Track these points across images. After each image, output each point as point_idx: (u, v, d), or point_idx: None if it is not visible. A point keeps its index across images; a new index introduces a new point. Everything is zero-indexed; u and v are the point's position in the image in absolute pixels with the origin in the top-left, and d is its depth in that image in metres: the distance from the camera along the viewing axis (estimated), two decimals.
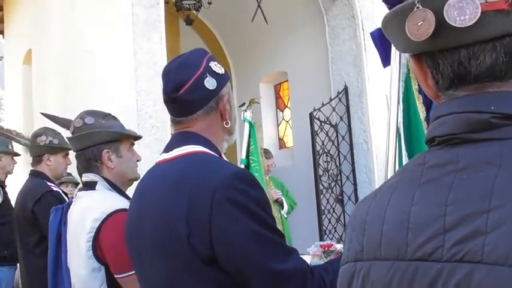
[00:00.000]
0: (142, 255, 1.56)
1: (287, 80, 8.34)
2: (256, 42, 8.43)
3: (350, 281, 0.85)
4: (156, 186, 1.55)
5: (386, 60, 2.71)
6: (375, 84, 6.49)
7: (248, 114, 3.44)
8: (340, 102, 6.90)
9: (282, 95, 8.80)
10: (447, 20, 0.73)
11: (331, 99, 6.89)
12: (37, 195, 3.55)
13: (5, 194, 4.79)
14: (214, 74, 1.59)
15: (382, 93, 5.40)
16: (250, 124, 3.43)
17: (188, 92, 1.54)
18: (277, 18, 7.67)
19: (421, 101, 2.87)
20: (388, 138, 2.53)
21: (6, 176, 5.06)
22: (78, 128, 2.24)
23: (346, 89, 6.87)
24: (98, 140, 2.22)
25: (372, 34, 2.74)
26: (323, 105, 6.80)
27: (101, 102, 4.99)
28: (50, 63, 6.52)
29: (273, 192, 5.42)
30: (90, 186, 2.25)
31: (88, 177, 2.25)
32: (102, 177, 2.24)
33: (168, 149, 1.61)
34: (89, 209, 2.16)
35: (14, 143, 4.75)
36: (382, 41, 2.68)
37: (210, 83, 1.56)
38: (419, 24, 0.76)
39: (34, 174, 3.74)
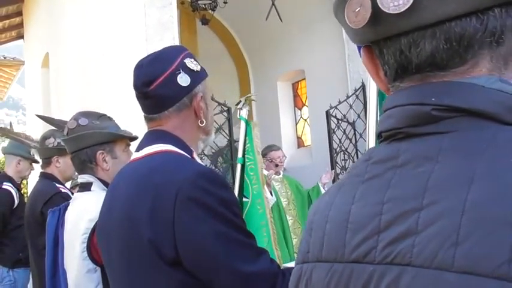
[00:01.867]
0: (110, 251, 1.53)
1: (304, 78, 8.29)
2: (273, 40, 8.40)
3: (297, 284, 0.82)
4: (123, 185, 1.52)
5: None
6: None
7: (244, 112, 3.37)
8: (358, 100, 6.83)
9: (300, 93, 8.74)
10: (380, 7, 0.68)
11: (348, 97, 6.82)
12: (46, 197, 3.56)
13: (21, 196, 4.84)
14: (189, 71, 1.55)
15: None
16: (247, 122, 3.37)
17: (159, 87, 1.51)
18: (293, 15, 7.62)
19: None
20: (368, 133, 2.44)
21: (22, 180, 5.11)
22: (72, 129, 2.22)
23: (363, 86, 6.79)
24: (91, 142, 2.20)
25: None
26: (339, 102, 6.74)
27: (115, 104, 5.01)
28: (66, 66, 6.58)
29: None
30: (85, 187, 2.23)
31: (83, 178, 2.24)
32: (98, 178, 2.22)
33: (139, 147, 1.58)
34: (84, 211, 2.14)
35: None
36: None
37: (183, 79, 1.53)
38: (357, 10, 0.71)
39: (44, 176, 3.75)
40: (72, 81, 6.35)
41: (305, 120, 8.57)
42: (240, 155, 3.32)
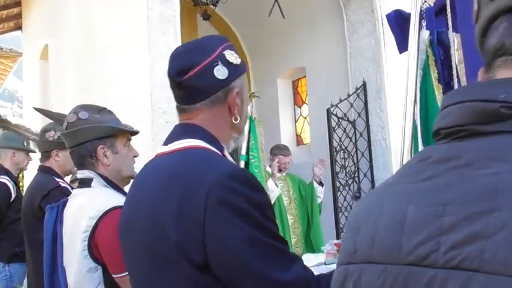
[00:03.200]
0: (132, 251, 1.47)
1: (305, 76, 8.24)
2: (274, 37, 8.34)
3: (342, 285, 0.78)
4: (148, 181, 1.44)
5: (403, 45, 2.51)
6: (394, 80, 6.36)
7: (248, 109, 3.34)
8: (358, 98, 6.80)
9: (300, 90, 8.70)
10: None
11: (349, 95, 6.79)
12: (45, 191, 3.50)
13: (18, 190, 4.77)
14: (228, 64, 1.45)
15: (401, 90, 5.30)
16: (251, 119, 3.34)
17: (194, 77, 1.42)
18: (295, 13, 7.57)
19: (441, 90, 2.63)
20: (404, 131, 2.35)
21: (20, 172, 5.04)
22: (72, 123, 2.16)
23: (364, 85, 6.76)
24: (92, 136, 2.13)
25: (388, 16, 2.55)
26: (340, 101, 6.71)
27: (115, 97, 4.96)
28: (66, 58, 6.51)
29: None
30: (85, 183, 2.17)
31: (83, 174, 2.17)
32: (98, 173, 2.15)
33: (167, 141, 1.49)
34: (84, 207, 2.07)
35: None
36: (398, 23, 2.49)
37: (220, 72, 1.43)
38: None
39: (42, 169, 3.69)
40: (72, 74, 6.29)
41: (305, 118, 8.53)
42: (243, 152, 3.28)
